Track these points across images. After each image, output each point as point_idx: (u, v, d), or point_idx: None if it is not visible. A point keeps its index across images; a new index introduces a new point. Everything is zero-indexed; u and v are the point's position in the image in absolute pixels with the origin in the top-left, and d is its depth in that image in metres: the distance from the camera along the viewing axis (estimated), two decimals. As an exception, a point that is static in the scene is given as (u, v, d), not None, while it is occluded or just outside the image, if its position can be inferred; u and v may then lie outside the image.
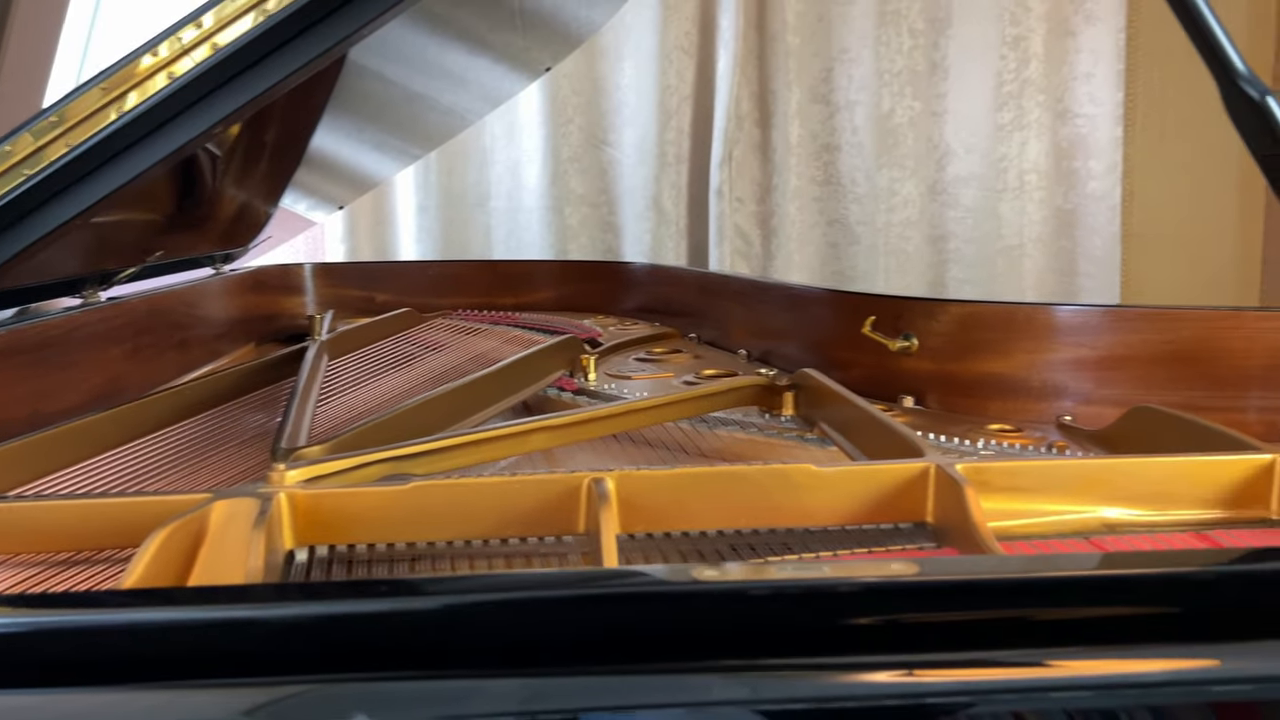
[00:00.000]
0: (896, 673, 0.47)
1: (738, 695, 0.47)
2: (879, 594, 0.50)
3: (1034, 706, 0.47)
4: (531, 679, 0.47)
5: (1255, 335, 1.15)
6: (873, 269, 2.73)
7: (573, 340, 1.53)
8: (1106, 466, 0.78)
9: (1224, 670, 0.49)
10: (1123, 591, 0.52)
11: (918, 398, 1.35)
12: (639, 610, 0.49)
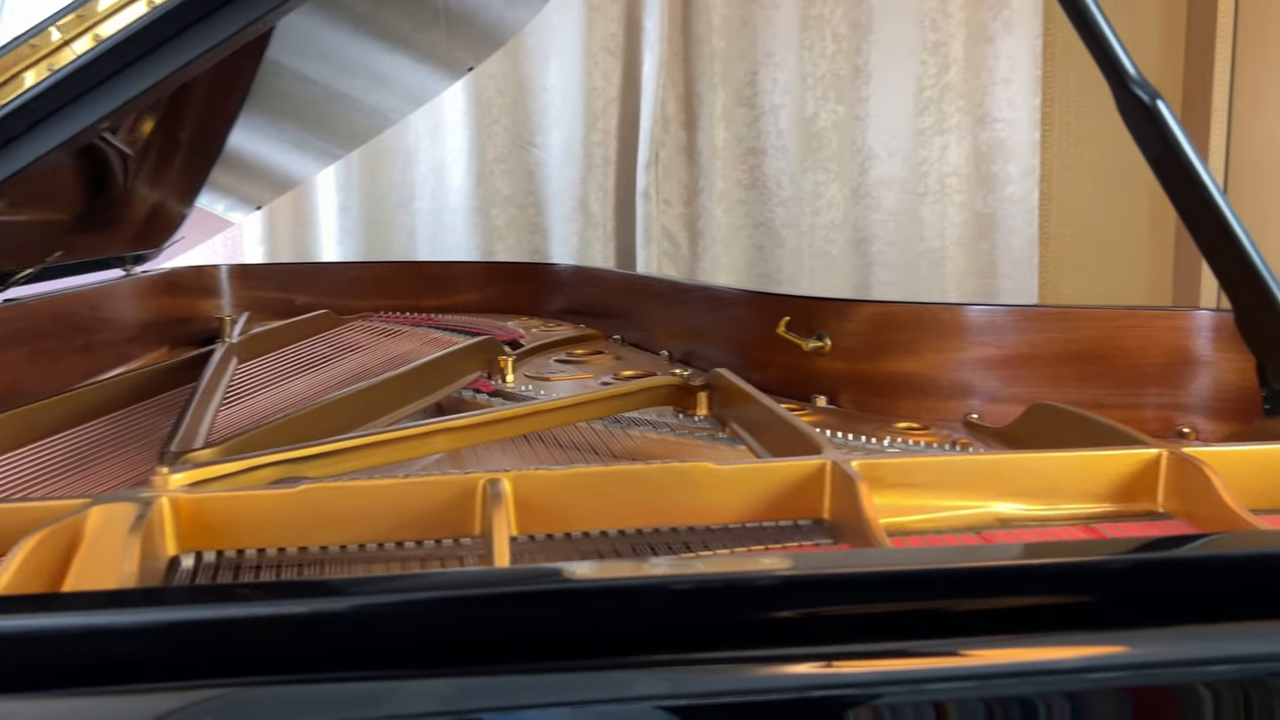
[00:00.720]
0: (816, 664, 0.48)
1: (659, 690, 0.47)
2: (797, 587, 0.50)
3: (952, 695, 0.48)
4: (450, 679, 0.46)
5: (1152, 334, 1.18)
6: (798, 271, 2.75)
7: (490, 341, 1.52)
8: (998, 462, 0.79)
9: (1133, 656, 0.50)
10: (1035, 581, 0.53)
11: (831, 397, 1.36)
12: (537, 609, 0.49)
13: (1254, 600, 0.52)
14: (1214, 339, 1.15)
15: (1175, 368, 1.17)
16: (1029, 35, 2.66)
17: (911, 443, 1.08)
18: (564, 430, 1.13)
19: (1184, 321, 1.17)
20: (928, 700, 0.48)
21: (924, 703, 0.48)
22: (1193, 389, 1.16)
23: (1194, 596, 0.52)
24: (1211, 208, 0.99)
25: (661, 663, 0.47)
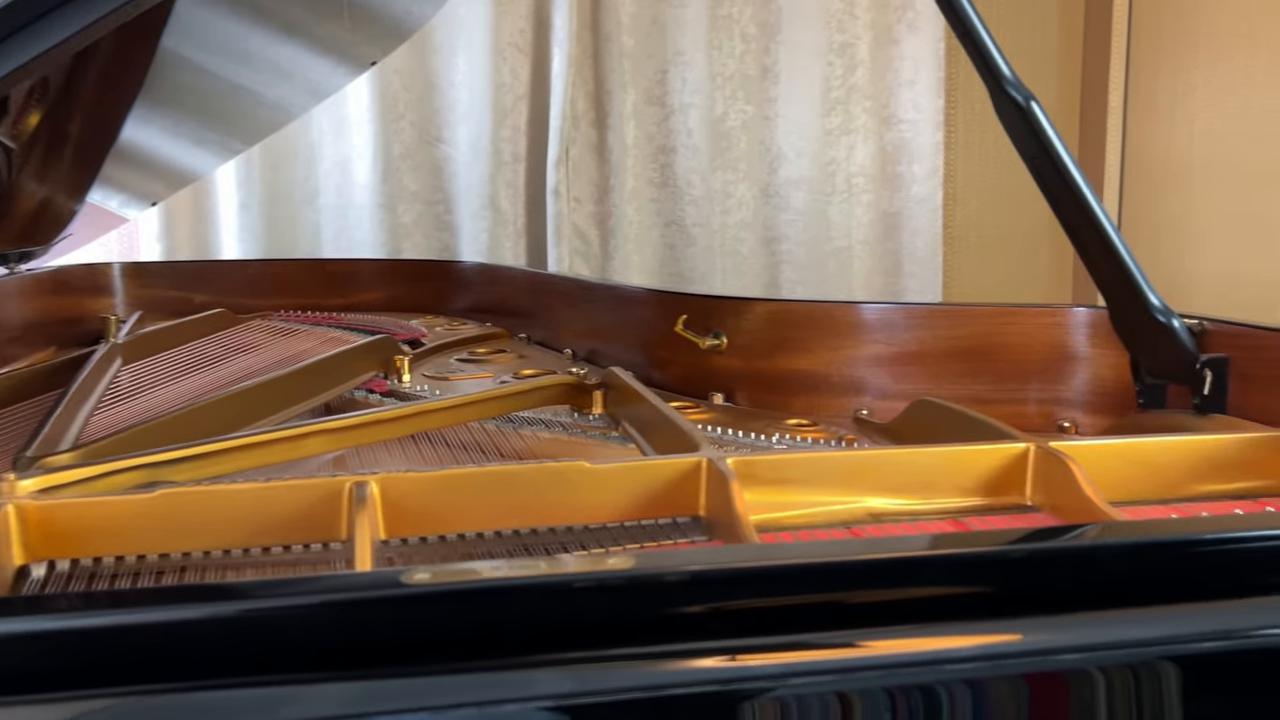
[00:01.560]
0: (720, 658, 0.48)
1: (562, 689, 0.46)
2: (702, 582, 0.50)
3: (855, 685, 0.48)
4: (350, 682, 0.46)
5: (1034, 331, 1.21)
6: (710, 270, 2.77)
7: (386, 340, 1.50)
8: (871, 457, 0.80)
9: (1026, 644, 0.51)
10: (933, 572, 0.53)
11: (728, 395, 1.37)
12: (437, 610, 0.48)
13: (1142, 587, 0.54)
14: (1091, 336, 1.18)
15: (1056, 364, 1.20)
16: (932, 38, 2.71)
17: (799, 439, 1.09)
18: (456, 430, 1.12)
19: (1063, 319, 1.20)
20: (831, 691, 0.48)
21: (828, 693, 0.48)
22: (1072, 384, 1.20)
23: (1085, 584, 0.54)
24: (1084, 208, 1.02)
25: (564, 661, 0.47)
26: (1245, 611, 0.54)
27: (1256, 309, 2.73)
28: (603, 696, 0.47)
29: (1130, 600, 0.53)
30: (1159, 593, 0.53)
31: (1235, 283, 2.75)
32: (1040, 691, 0.51)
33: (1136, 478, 0.83)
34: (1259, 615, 0.54)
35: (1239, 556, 0.56)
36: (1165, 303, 1.03)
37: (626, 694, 0.47)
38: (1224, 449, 0.86)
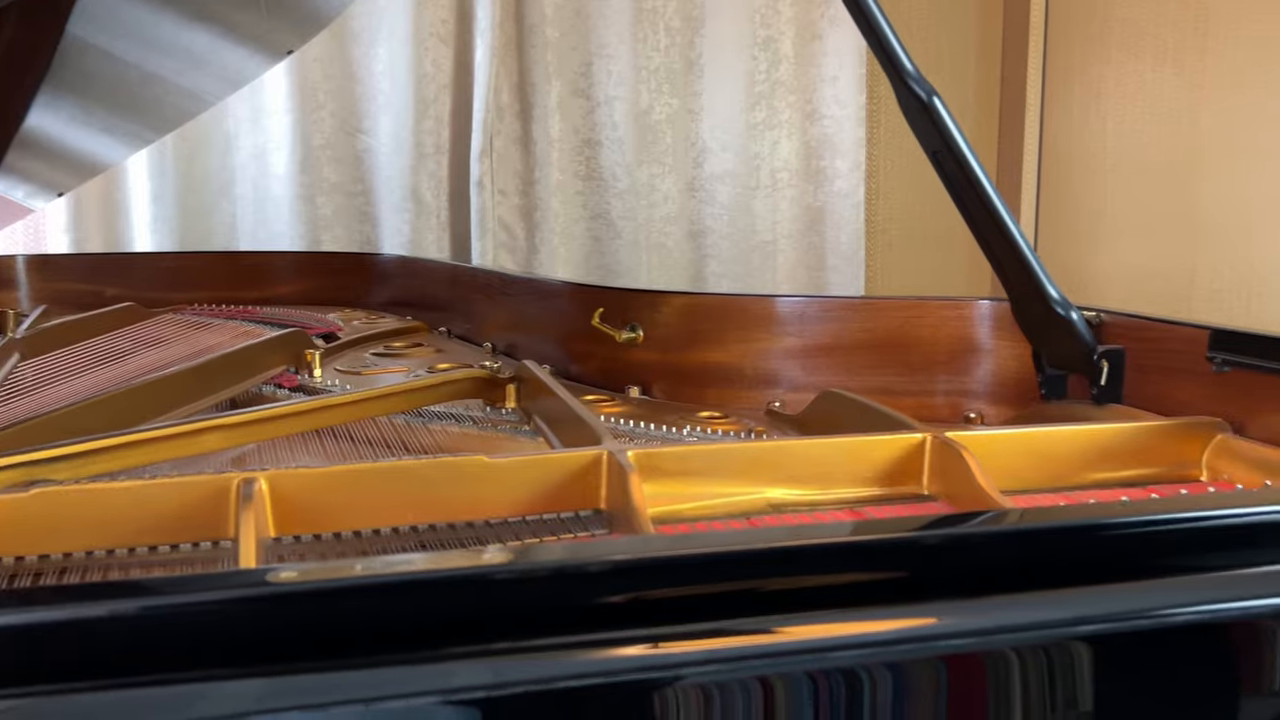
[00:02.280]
0: (641, 646, 0.48)
1: (482, 680, 0.46)
2: (624, 571, 0.50)
3: (775, 670, 0.49)
4: (263, 678, 0.44)
5: (940, 324, 1.23)
6: (636, 264, 2.77)
7: (297, 334, 1.47)
8: (771, 449, 0.81)
9: (941, 627, 0.51)
10: (851, 558, 0.54)
11: (644, 388, 1.37)
12: (353, 603, 0.47)
13: (1054, 570, 0.55)
14: (995, 328, 1.21)
15: (961, 356, 1.22)
16: (854, 33, 2.73)
17: (709, 431, 1.09)
18: (363, 426, 1.10)
19: (968, 311, 1.22)
20: (753, 676, 0.48)
21: (750, 679, 0.48)
22: (978, 375, 1.22)
23: (997, 568, 0.55)
24: (986, 202, 1.03)
25: (484, 653, 0.46)
26: (1147, 593, 0.55)
27: (1165, 303, 2.82)
28: (522, 687, 0.46)
29: (1041, 583, 0.54)
30: (1068, 575, 0.55)
31: (1146, 277, 2.83)
32: (958, 673, 0.51)
33: (1030, 467, 0.85)
34: (1158, 596, 0.55)
35: (1138, 540, 0.57)
36: (1064, 295, 1.05)
37: (548, 684, 0.47)
38: (1115, 438, 0.89)
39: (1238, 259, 2.68)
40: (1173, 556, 0.57)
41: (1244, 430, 0.91)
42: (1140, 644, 0.54)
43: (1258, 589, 0.57)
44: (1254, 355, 0.90)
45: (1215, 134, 2.68)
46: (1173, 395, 1.00)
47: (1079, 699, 0.53)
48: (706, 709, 0.48)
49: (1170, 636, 0.55)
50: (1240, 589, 0.57)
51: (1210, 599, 0.56)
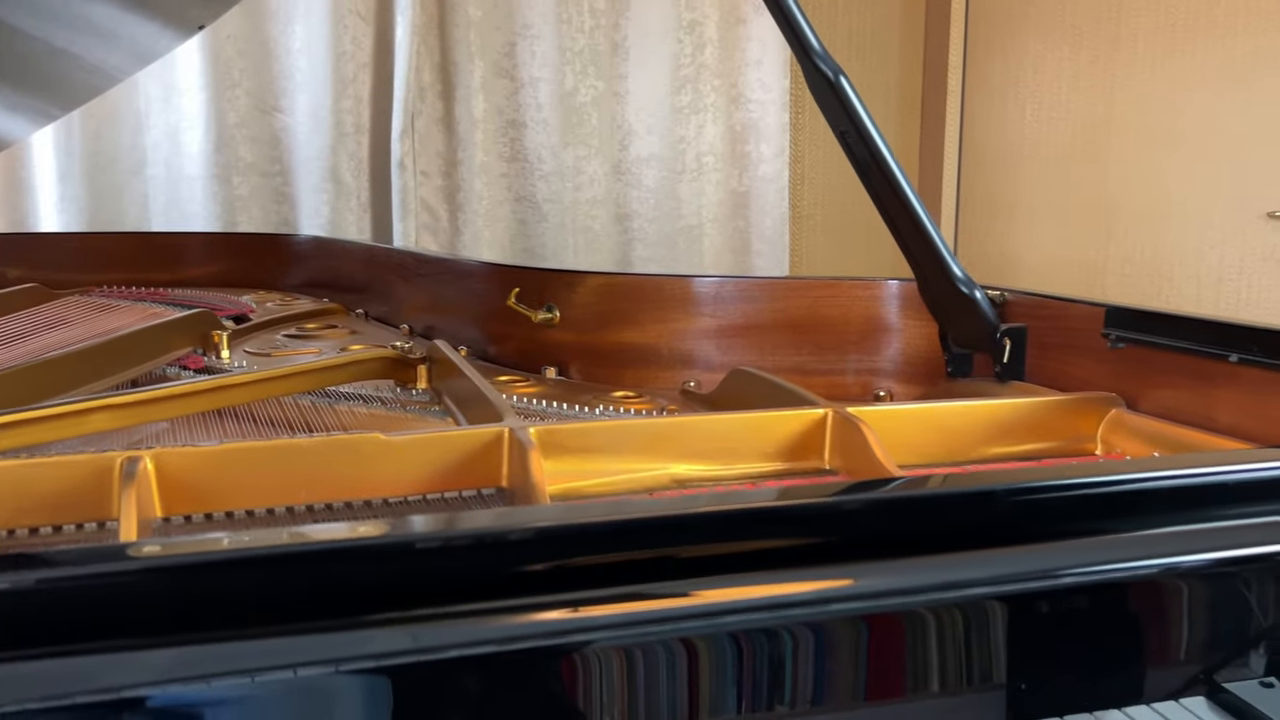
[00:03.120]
0: (562, 610, 0.48)
1: (400, 646, 0.45)
2: (549, 538, 0.50)
3: (696, 631, 0.49)
4: (179, 647, 0.43)
5: (851, 303, 1.24)
6: (562, 247, 2.75)
7: (204, 315, 1.43)
8: (674, 424, 0.81)
9: (858, 588, 0.52)
10: (761, 524, 0.54)
11: (561, 368, 1.36)
12: (274, 573, 0.46)
13: (967, 533, 0.56)
14: (903, 307, 1.22)
15: (872, 335, 1.23)
16: (779, 18, 2.75)
17: (623, 411, 1.09)
18: (267, 407, 1.07)
19: (878, 291, 1.23)
20: (675, 637, 0.49)
21: (672, 640, 0.49)
22: (887, 354, 1.23)
23: (909, 532, 0.56)
24: (892, 182, 1.04)
25: (400, 620, 0.46)
26: (1043, 555, 0.57)
27: (1080, 289, 2.89)
28: (441, 653, 0.46)
29: (957, 545, 0.55)
30: (971, 540, 0.56)
31: (1061, 263, 2.90)
32: (877, 633, 0.52)
33: (930, 441, 0.87)
34: (1054, 558, 0.56)
35: (1036, 506, 0.58)
36: (968, 274, 1.07)
37: (468, 649, 0.46)
38: (1013, 413, 0.91)
39: (1148, 244, 2.76)
40: (1064, 522, 0.59)
41: (1136, 405, 0.93)
42: (1044, 603, 0.56)
43: (1146, 550, 0.58)
44: (1146, 332, 0.92)
45: (1128, 122, 2.76)
46: (1072, 372, 1.02)
47: (991, 656, 0.54)
48: (629, 671, 0.48)
49: (1071, 595, 0.57)
50: (1130, 551, 0.58)
51: (1103, 560, 0.57)
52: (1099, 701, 0.58)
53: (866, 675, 0.53)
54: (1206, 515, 0.58)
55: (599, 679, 0.48)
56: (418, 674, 0.45)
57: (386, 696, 0.45)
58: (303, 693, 0.44)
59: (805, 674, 0.51)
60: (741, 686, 0.50)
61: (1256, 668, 0.62)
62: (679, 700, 0.49)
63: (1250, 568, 0.59)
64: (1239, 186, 2.58)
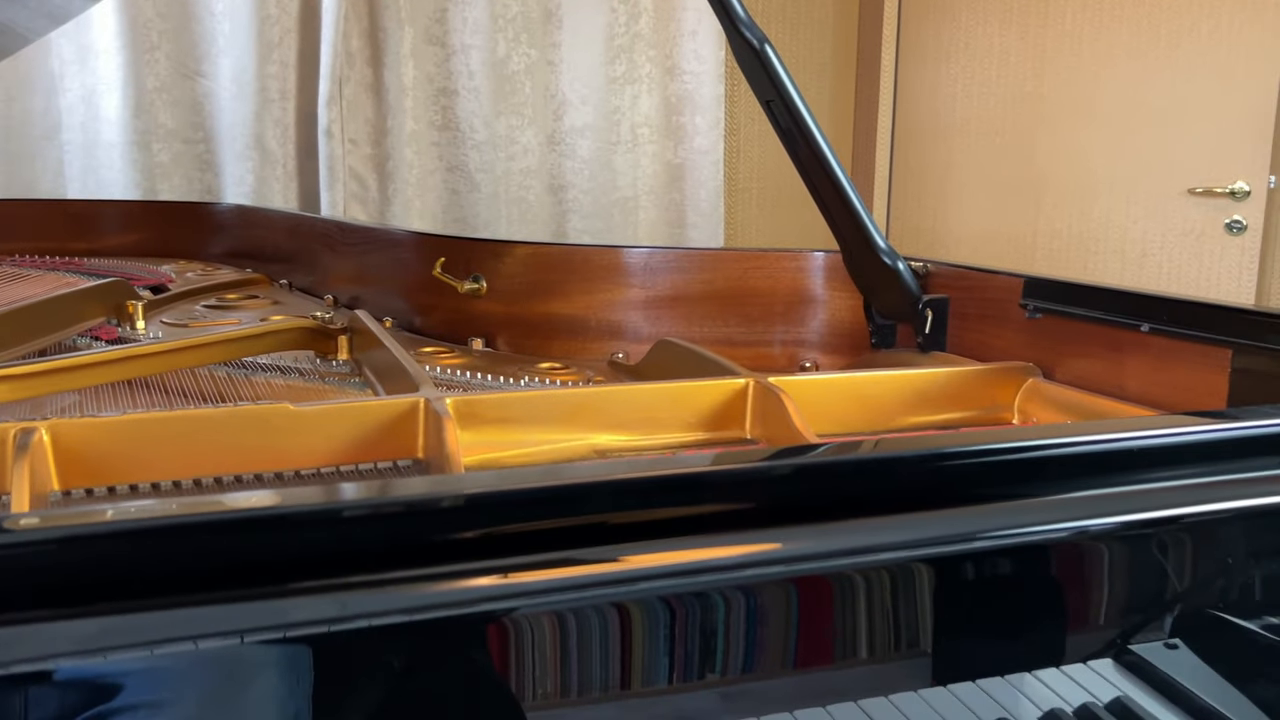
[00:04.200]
0: (490, 577, 0.47)
1: (326, 614, 0.44)
2: (475, 505, 0.49)
3: (626, 596, 0.48)
4: (94, 618, 0.42)
5: (778, 275, 1.24)
6: (495, 218, 2.72)
7: (118, 284, 1.39)
8: (595, 394, 0.80)
9: (784, 551, 0.52)
10: (687, 490, 0.53)
11: (489, 339, 1.35)
12: (194, 541, 0.45)
13: (886, 498, 0.56)
14: (828, 279, 1.23)
15: (797, 307, 1.24)
16: (714, -11, 2.73)
17: (548, 382, 1.08)
18: (180, 378, 1.04)
19: (804, 263, 1.24)
20: (607, 602, 0.48)
21: (604, 605, 0.48)
22: (812, 326, 1.24)
23: (837, 498, 0.55)
24: (817, 152, 1.04)
25: (327, 588, 0.44)
26: (961, 519, 0.57)
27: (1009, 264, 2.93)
28: (368, 620, 0.45)
29: (870, 511, 0.55)
30: (893, 504, 0.56)
31: (991, 237, 2.94)
32: (806, 595, 0.52)
33: (850, 411, 0.87)
34: (971, 522, 0.57)
35: (951, 471, 0.59)
36: (891, 246, 1.07)
37: (393, 617, 0.45)
38: (932, 382, 0.91)
39: (1074, 219, 2.81)
40: (977, 486, 0.59)
41: (1052, 374, 0.95)
42: (959, 564, 0.56)
43: (1055, 514, 0.59)
44: (1062, 302, 0.94)
45: (1056, 98, 2.80)
46: (991, 342, 1.03)
47: (913, 619, 0.55)
48: (561, 636, 0.48)
49: (986, 558, 0.57)
50: (1040, 514, 0.59)
51: (1016, 523, 0.58)
52: (1015, 664, 0.59)
53: (796, 638, 0.53)
54: (1114, 480, 0.59)
55: (530, 645, 0.47)
56: (342, 643, 0.44)
57: (306, 667, 0.44)
58: (217, 664, 0.43)
59: (736, 637, 0.51)
60: (674, 651, 0.50)
61: (1161, 630, 0.63)
62: (611, 665, 0.49)
63: (1155, 530, 0.60)
64: (1162, 163, 2.64)
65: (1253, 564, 0.63)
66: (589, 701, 0.48)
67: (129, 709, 0.42)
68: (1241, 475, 0.60)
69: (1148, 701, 0.64)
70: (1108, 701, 0.64)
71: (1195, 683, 0.65)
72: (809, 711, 0.57)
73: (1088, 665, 0.63)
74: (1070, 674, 0.62)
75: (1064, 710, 0.63)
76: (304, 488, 0.58)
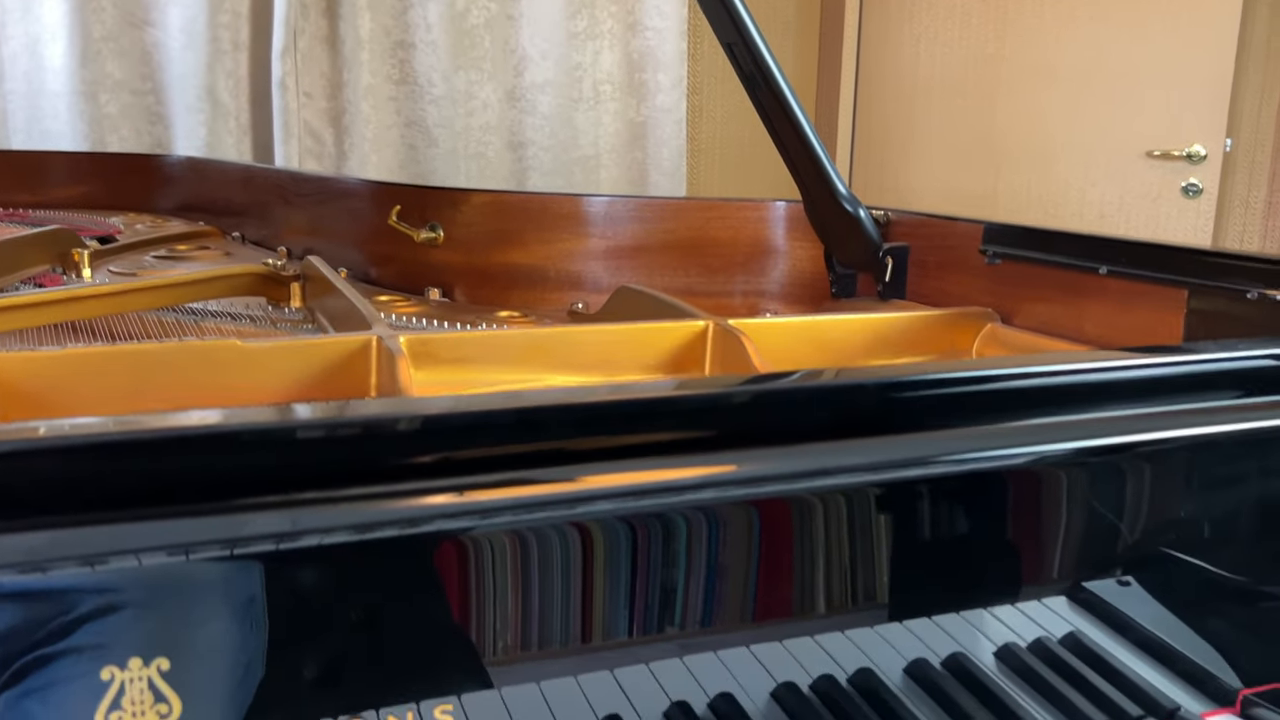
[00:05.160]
0: (448, 495, 0.46)
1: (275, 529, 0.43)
2: (433, 426, 0.47)
3: (583, 515, 0.48)
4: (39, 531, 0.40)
5: (740, 225, 1.23)
6: (453, 174, 2.68)
7: (62, 232, 1.35)
8: (552, 335, 0.79)
9: (742, 473, 0.51)
10: (646, 413, 0.52)
11: (445, 290, 1.32)
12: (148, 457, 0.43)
13: (854, 423, 0.55)
14: (789, 229, 1.22)
15: (758, 257, 1.23)
16: (677, -59, 2.70)
17: (506, 327, 1.06)
18: (127, 322, 1.01)
19: (765, 212, 1.23)
20: (566, 522, 0.48)
21: (564, 524, 0.48)
22: (773, 276, 1.23)
23: (793, 423, 0.55)
24: (779, 97, 1.03)
25: (278, 504, 0.43)
26: (917, 443, 0.56)
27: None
28: (322, 536, 0.44)
29: (834, 435, 0.55)
30: (855, 429, 0.55)
31: (952, 197, 2.95)
32: (766, 517, 0.52)
33: (810, 354, 0.87)
34: (927, 446, 0.56)
35: (912, 401, 0.58)
36: (853, 193, 1.06)
37: (348, 533, 0.44)
38: (892, 327, 0.91)
39: (1034, 180, 2.82)
40: (934, 415, 0.59)
41: (1011, 320, 0.95)
42: (916, 489, 0.56)
43: (1010, 440, 0.59)
44: (1021, 247, 0.93)
45: (1016, 59, 2.80)
46: (951, 290, 1.03)
47: (870, 547, 0.55)
48: (520, 557, 0.47)
49: (943, 483, 0.57)
50: (995, 440, 0.58)
51: (971, 448, 0.57)
52: (972, 593, 0.59)
53: (755, 565, 0.52)
54: (1068, 410, 0.59)
55: (488, 566, 0.47)
56: (294, 561, 0.43)
57: (257, 586, 0.43)
58: (167, 582, 0.42)
59: (696, 563, 0.51)
60: (635, 572, 0.50)
61: (1114, 564, 0.63)
62: (571, 588, 0.48)
63: (1107, 458, 0.60)
64: (1120, 126, 2.65)
65: (1203, 497, 0.63)
66: (547, 624, 0.48)
67: (74, 626, 0.41)
68: (1190, 405, 0.61)
69: (1099, 636, 0.65)
70: (1061, 636, 0.64)
71: (1146, 618, 0.66)
72: (768, 647, 0.56)
73: (1042, 603, 0.63)
74: (1025, 610, 0.63)
75: (1018, 644, 0.63)
76: (257, 408, 0.57)
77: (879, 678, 0.58)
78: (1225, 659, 0.67)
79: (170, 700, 0.42)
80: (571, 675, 0.50)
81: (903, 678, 0.60)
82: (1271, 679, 0.67)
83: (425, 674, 0.46)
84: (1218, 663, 0.67)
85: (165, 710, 0.42)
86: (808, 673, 0.56)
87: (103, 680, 0.41)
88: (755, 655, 0.55)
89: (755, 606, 0.53)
